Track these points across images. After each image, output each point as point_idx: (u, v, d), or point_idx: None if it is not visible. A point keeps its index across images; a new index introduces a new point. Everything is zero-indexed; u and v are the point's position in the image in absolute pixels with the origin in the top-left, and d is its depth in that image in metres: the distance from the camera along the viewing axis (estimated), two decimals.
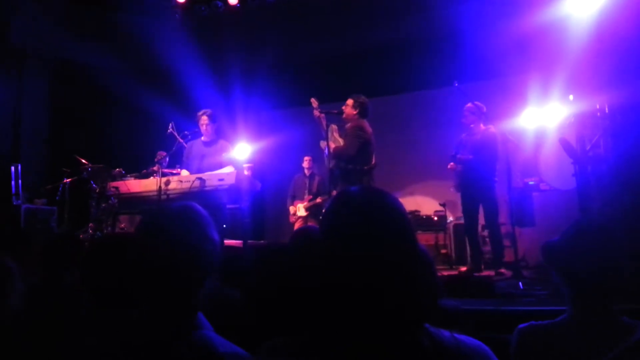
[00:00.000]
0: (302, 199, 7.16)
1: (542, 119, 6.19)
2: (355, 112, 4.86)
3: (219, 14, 8.55)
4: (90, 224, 5.95)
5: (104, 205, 5.83)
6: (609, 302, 1.42)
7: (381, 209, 0.95)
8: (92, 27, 9.24)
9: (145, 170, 6.32)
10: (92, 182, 6.09)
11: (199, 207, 1.22)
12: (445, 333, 0.94)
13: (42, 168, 8.61)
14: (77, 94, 8.62)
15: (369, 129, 4.83)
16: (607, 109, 4.75)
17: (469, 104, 5.15)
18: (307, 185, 7.23)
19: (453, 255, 6.65)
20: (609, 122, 4.72)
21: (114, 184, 5.55)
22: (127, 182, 5.67)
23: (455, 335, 0.95)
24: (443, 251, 6.72)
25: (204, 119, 5.42)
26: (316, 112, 4.93)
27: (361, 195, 1.00)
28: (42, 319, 1.75)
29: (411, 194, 7.86)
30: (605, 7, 4.75)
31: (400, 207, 0.99)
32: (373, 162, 4.85)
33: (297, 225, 6.95)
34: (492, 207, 4.93)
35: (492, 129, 5.07)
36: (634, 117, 4.53)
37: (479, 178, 4.91)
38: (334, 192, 5.00)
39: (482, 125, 5.11)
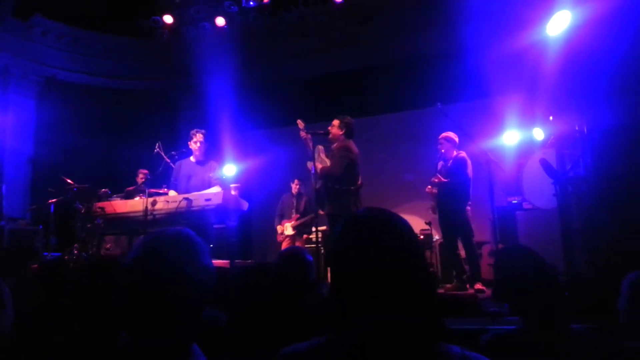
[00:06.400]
0: (289, 218, 7.18)
1: (524, 139, 6.33)
2: (341, 133, 4.92)
3: (204, 36, 8.63)
4: (76, 245, 5.89)
5: (89, 225, 5.78)
6: (549, 315, 1.56)
7: (390, 229, 1.00)
8: (80, 46, 9.27)
9: (128, 189, 6.29)
10: (77, 202, 6.03)
11: (193, 233, 1.18)
12: (455, 349, 0.96)
13: (27, 188, 8.53)
14: (62, 113, 8.58)
15: (355, 150, 4.88)
16: (586, 129, 4.88)
17: (444, 134, 5.46)
18: (295, 204, 7.26)
19: (439, 273, 6.69)
20: (588, 142, 4.83)
21: (100, 204, 5.52)
22: (113, 202, 5.65)
23: (466, 352, 0.97)
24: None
25: (198, 137, 5.41)
26: (303, 134, 4.96)
27: (368, 217, 1.03)
28: (29, 346, 1.73)
29: (397, 212, 7.88)
30: (582, 30, 4.90)
31: (406, 226, 1.03)
32: (359, 182, 4.89)
33: (284, 244, 6.95)
34: (464, 228, 5.20)
35: (463, 154, 5.35)
36: (612, 137, 4.64)
37: (452, 201, 5.21)
38: (321, 212, 5.05)
39: (455, 151, 5.39)
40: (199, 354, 1.12)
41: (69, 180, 6.18)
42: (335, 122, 4.97)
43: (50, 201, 6.30)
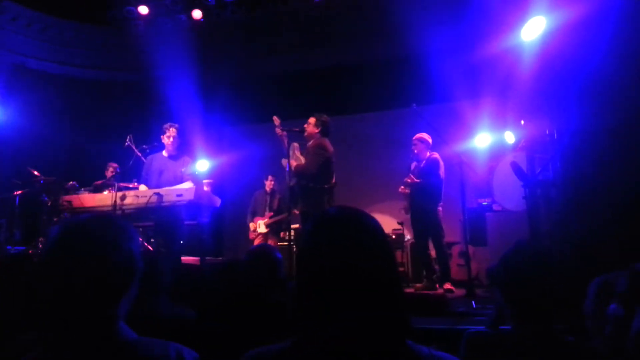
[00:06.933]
0: (262, 216, 7.13)
1: (495, 142, 6.45)
2: (317, 131, 4.91)
3: (180, 28, 8.49)
4: (41, 239, 5.72)
5: (55, 219, 5.62)
6: (547, 321, 1.52)
7: (361, 228, 1.00)
8: (50, 34, 9.02)
9: (97, 183, 6.15)
10: (43, 195, 5.87)
11: (115, 217, 1.21)
12: (424, 349, 0.97)
13: None
14: (30, 103, 8.33)
15: (331, 148, 4.88)
16: (556, 133, 4.97)
17: (418, 135, 5.53)
18: (268, 202, 7.22)
19: (410, 273, 6.75)
20: (557, 147, 4.93)
21: (67, 197, 5.38)
22: (80, 196, 5.52)
23: (433, 351, 0.97)
24: (400, 269, 6.81)
25: (172, 131, 5.31)
26: (278, 130, 4.93)
27: (339, 215, 1.03)
28: None
29: (370, 212, 7.89)
30: (556, 36, 4.99)
31: (377, 225, 1.03)
32: (333, 180, 4.89)
33: (256, 242, 6.91)
34: (435, 228, 5.28)
35: (436, 155, 5.44)
36: (580, 142, 4.74)
37: (424, 201, 5.29)
38: (295, 210, 5.03)
39: (428, 152, 5.47)
40: (126, 329, 1.12)
41: (35, 172, 6.00)
42: (312, 119, 4.95)
43: (15, 193, 6.12)
